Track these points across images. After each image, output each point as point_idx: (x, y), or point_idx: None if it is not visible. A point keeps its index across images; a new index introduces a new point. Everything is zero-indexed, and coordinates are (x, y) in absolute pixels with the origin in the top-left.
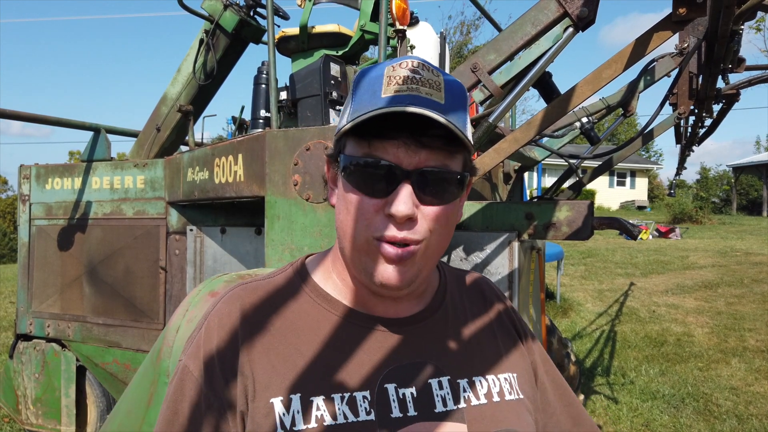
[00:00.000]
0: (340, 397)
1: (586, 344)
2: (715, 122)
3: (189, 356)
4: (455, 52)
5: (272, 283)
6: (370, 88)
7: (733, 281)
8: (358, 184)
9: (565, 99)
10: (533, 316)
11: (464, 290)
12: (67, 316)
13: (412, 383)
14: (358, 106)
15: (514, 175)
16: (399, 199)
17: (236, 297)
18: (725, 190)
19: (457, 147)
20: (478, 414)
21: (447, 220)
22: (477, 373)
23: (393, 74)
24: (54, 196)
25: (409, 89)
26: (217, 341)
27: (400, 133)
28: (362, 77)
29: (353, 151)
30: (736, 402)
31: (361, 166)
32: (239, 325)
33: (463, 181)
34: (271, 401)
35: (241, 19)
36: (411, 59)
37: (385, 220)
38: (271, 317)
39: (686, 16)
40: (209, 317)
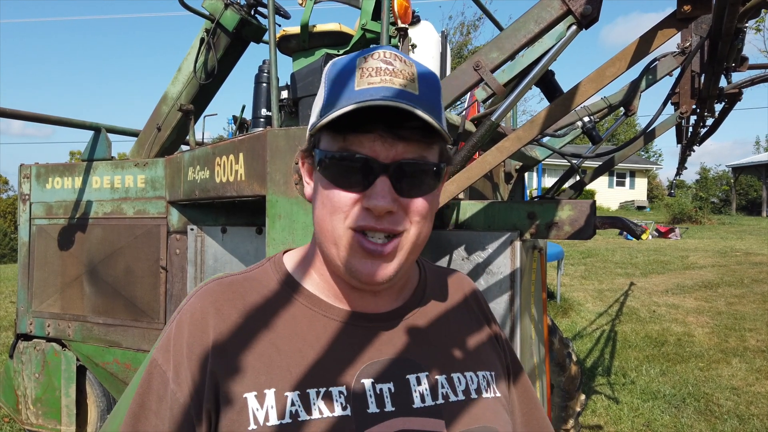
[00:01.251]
0: (316, 392)
1: (587, 344)
2: (717, 122)
3: (159, 350)
4: (455, 53)
5: (248, 278)
6: (342, 80)
7: (733, 281)
8: (335, 179)
9: (568, 97)
10: (535, 316)
11: (444, 288)
12: (68, 316)
13: (389, 379)
14: (332, 99)
15: (515, 175)
16: (377, 193)
17: (209, 292)
18: (725, 190)
19: (433, 138)
20: (456, 410)
21: (427, 211)
22: (455, 370)
23: (365, 66)
24: (54, 195)
25: (382, 81)
26: (187, 336)
27: (375, 126)
28: (333, 69)
29: (328, 145)
30: (737, 402)
31: (337, 160)
32: (211, 320)
33: (440, 172)
34: (244, 396)
35: (242, 18)
36: (382, 49)
37: (364, 213)
38: (245, 312)
39: (691, 14)
40: (182, 312)
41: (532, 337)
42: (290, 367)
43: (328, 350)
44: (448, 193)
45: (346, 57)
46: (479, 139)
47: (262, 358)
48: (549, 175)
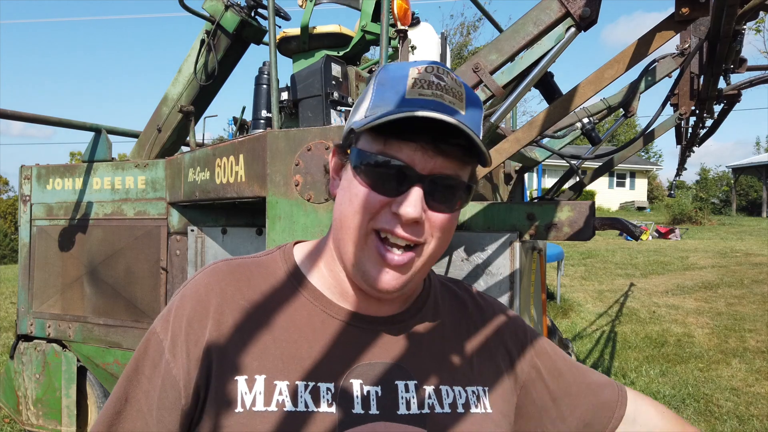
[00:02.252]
0: (305, 385)
1: (587, 345)
2: (716, 123)
3: (159, 319)
4: (455, 54)
5: (256, 263)
6: (394, 86)
7: (733, 282)
8: (369, 180)
9: (567, 99)
10: (534, 317)
11: (447, 299)
12: (68, 317)
13: (378, 382)
14: (380, 102)
15: (515, 176)
16: (409, 202)
17: (217, 271)
18: (725, 191)
19: (471, 158)
20: (440, 422)
21: (450, 227)
22: (444, 382)
23: (418, 77)
24: (55, 196)
25: (434, 95)
26: (189, 311)
27: (419, 136)
28: (384, 73)
29: (368, 146)
30: (737, 403)
31: (374, 163)
32: (213, 299)
33: (471, 191)
34: (235, 379)
35: (242, 19)
36: (436, 65)
37: (390, 217)
38: (247, 296)
39: (689, 16)
40: (187, 287)
41: None
42: (283, 356)
43: (322, 346)
44: None
45: (397, 64)
46: None
47: (257, 344)
48: (549, 176)
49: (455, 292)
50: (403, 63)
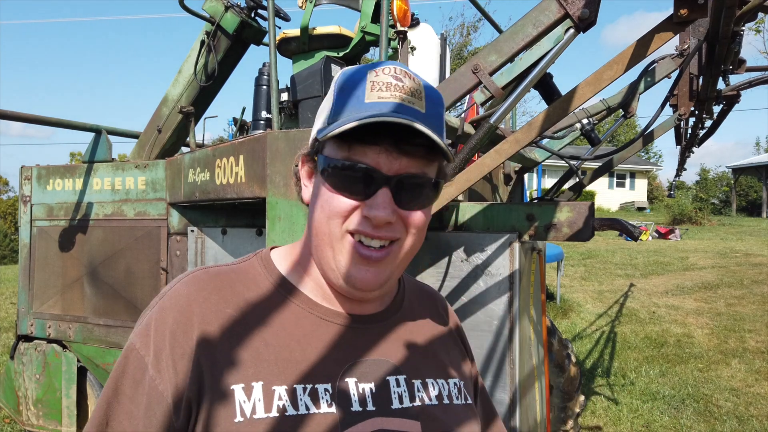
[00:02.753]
0: (303, 388)
1: (586, 345)
2: (716, 123)
3: (137, 334)
4: (455, 54)
5: (235, 270)
6: (353, 91)
7: (732, 282)
8: (337, 185)
9: (566, 100)
10: (534, 317)
11: (420, 300)
12: (68, 317)
13: (371, 379)
14: (340, 109)
15: (514, 176)
16: (379, 204)
17: (196, 280)
18: (725, 191)
19: (435, 155)
20: (431, 414)
21: (423, 223)
22: (430, 376)
23: (376, 79)
24: (55, 197)
25: (392, 96)
26: (171, 323)
27: (382, 139)
28: (342, 78)
29: (333, 153)
30: (737, 403)
31: (341, 169)
32: (197, 308)
33: (438, 187)
34: (231, 388)
35: (242, 20)
36: (393, 65)
37: (362, 219)
38: (233, 303)
39: (688, 17)
40: (165, 298)
41: (531, 338)
42: (278, 361)
43: (314, 347)
44: (447, 195)
45: (355, 67)
46: (478, 142)
47: (250, 351)
48: (549, 176)
49: (421, 287)
50: (362, 66)
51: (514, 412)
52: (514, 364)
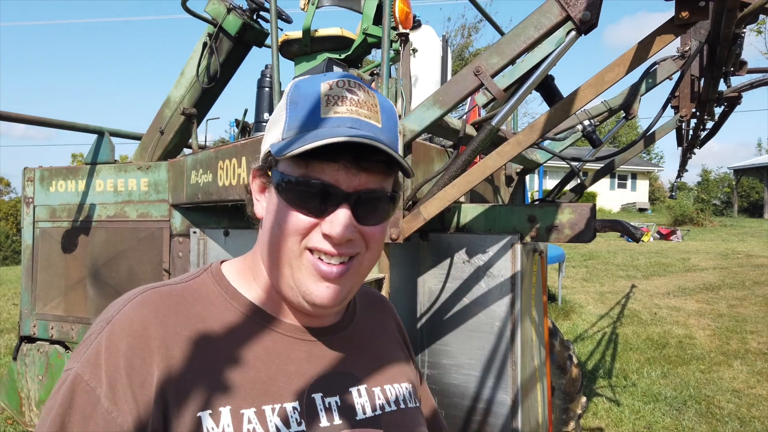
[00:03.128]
0: (271, 408)
1: (588, 346)
2: (717, 125)
3: (84, 364)
4: (456, 55)
5: (187, 289)
6: (307, 105)
7: (734, 283)
8: (295, 202)
9: (567, 102)
10: (536, 319)
11: (369, 304)
12: (71, 318)
13: (335, 392)
14: (295, 123)
15: (516, 178)
16: (339, 222)
17: (148, 301)
18: (726, 192)
19: (393, 168)
20: (392, 420)
21: (381, 237)
22: (386, 382)
23: (330, 93)
24: (58, 198)
25: (348, 111)
26: (125, 349)
27: (340, 156)
28: (296, 91)
29: (289, 169)
30: (739, 404)
31: (299, 186)
32: (154, 332)
33: (396, 200)
34: (198, 415)
35: (244, 22)
36: (346, 77)
37: (321, 236)
38: (191, 325)
39: (689, 20)
40: (113, 322)
41: (532, 339)
42: (243, 383)
43: (278, 365)
44: (449, 197)
45: (306, 78)
46: (480, 144)
47: (214, 374)
48: (551, 177)
49: (366, 291)
50: (314, 77)
51: (515, 413)
52: (516, 365)
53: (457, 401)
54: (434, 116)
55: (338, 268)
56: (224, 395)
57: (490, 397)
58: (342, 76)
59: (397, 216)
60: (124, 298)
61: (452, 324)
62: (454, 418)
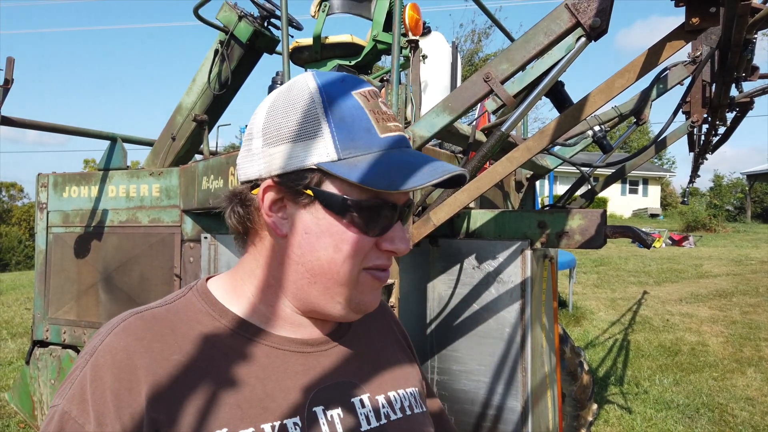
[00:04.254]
0: (270, 426)
1: (599, 353)
2: (729, 130)
3: (70, 399)
4: (466, 61)
5: (172, 311)
6: (357, 122)
7: (748, 290)
8: (361, 224)
9: (577, 108)
10: (546, 325)
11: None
12: (83, 323)
13: (338, 404)
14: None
15: (526, 183)
16: (401, 238)
17: (131, 329)
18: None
19: None
20: (397, 428)
21: None
22: (390, 389)
23: (370, 107)
24: (71, 204)
25: (395, 128)
26: (111, 382)
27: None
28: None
29: (354, 192)
30: (752, 412)
31: (372, 209)
32: (140, 360)
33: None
34: None
35: (256, 29)
36: (366, 86)
37: (379, 253)
38: (179, 348)
39: (699, 26)
40: (97, 353)
41: (543, 345)
42: (239, 402)
43: (274, 380)
44: (459, 203)
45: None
46: (489, 149)
47: (208, 396)
48: (561, 183)
49: None
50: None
51: (526, 420)
52: (526, 371)
53: (467, 407)
54: (444, 122)
55: (384, 273)
56: (219, 417)
57: (500, 403)
58: (366, 85)
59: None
60: (107, 326)
61: (462, 330)
62: (463, 425)
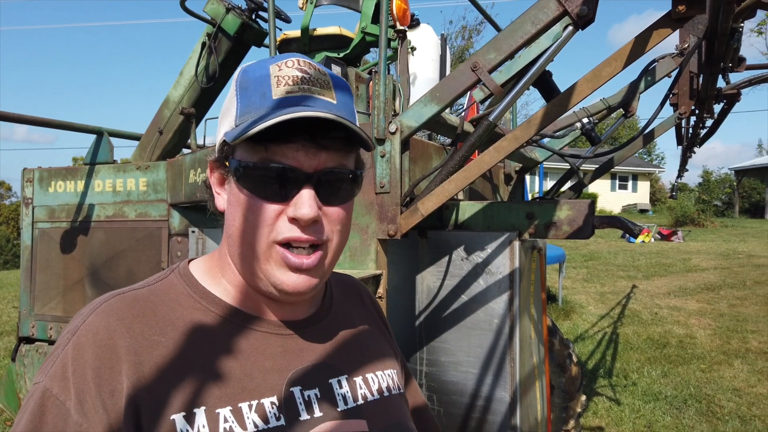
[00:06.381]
0: (248, 405)
1: (588, 346)
2: (716, 122)
3: (51, 377)
4: (457, 57)
5: (154, 292)
6: (258, 89)
7: (735, 283)
8: (257, 190)
9: (565, 97)
10: (534, 316)
11: (345, 293)
12: (70, 319)
13: (315, 385)
14: (248, 109)
15: (515, 176)
16: (303, 203)
17: (113, 309)
18: (727, 193)
19: (353, 145)
20: (374, 409)
21: (347, 219)
22: (368, 371)
23: (281, 74)
24: (57, 199)
25: (301, 90)
26: (92, 360)
27: (297, 136)
28: (244, 76)
29: (248, 156)
30: (739, 403)
31: (258, 170)
32: (120, 339)
33: (358, 179)
34: (172, 418)
35: (243, 22)
36: (296, 57)
37: (288, 224)
38: (159, 328)
39: (685, 14)
40: (78, 332)
41: (531, 337)
42: (217, 382)
43: (253, 361)
44: (447, 192)
45: (256, 63)
46: (477, 139)
47: (186, 376)
48: (551, 179)
49: (340, 279)
50: (262, 61)
51: (514, 410)
52: (515, 362)
53: (456, 398)
54: (432, 112)
55: (309, 258)
56: (198, 396)
57: (489, 394)
58: (292, 56)
59: (394, 212)
60: (89, 306)
61: (451, 321)
62: (452, 416)
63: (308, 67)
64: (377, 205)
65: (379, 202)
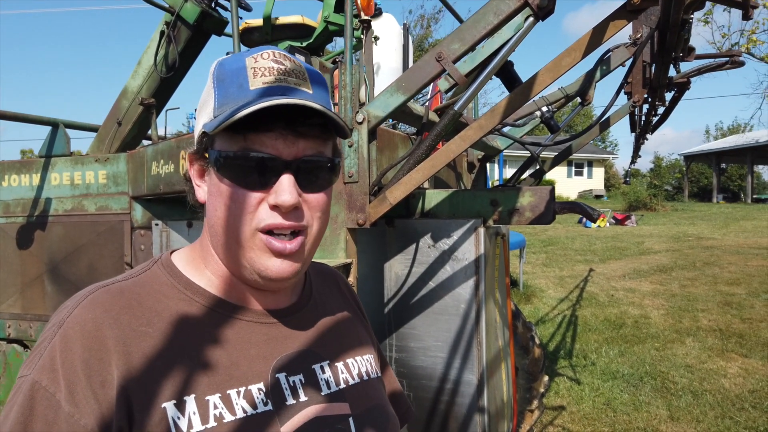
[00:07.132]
0: (236, 392)
1: (549, 329)
2: (668, 110)
3: (40, 370)
4: (416, 46)
5: (138, 284)
6: (235, 80)
7: (686, 265)
8: (238, 179)
9: (526, 86)
10: (499, 300)
11: (323, 281)
12: (29, 316)
13: (299, 371)
14: (225, 100)
15: (477, 164)
16: (283, 189)
17: (98, 301)
18: (677, 178)
19: (330, 134)
20: (355, 392)
21: (326, 205)
22: (348, 356)
23: (257, 65)
24: (11, 193)
25: (277, 80)
26: (81, 351)
27: (275, 124)
28: (221, 69)
29: (227, 146)
30: (691, 379)
31: (240, 160)
32: (108, 331)
33: (336, 167)
34: (162, 406)
35: (203, 10)
36: (271, 50)
37: (269, 211)
38: (145, 319)
39: (640, 5)
40: (65, 325)
41: (496, 320)
42: (206, 371)
43: (239, 349)
44: (414, 181)
45: (232, 57)
46: (443, 128)
47: (174, 365)
48: (510, 167)
49: (319, 269)
50: (237, 55)
51: (482, 392)
52: (482, 345)
53: (425, 383)
54: (398, 102)
55: (291, 244)
56: (187, 385)
57: (457, 377)
58: (267, 48)
59: (363, 201)
60: (74, 299)
61: (419, 308)
62: (422, 400)
63: (283, 59)
64: (346, 195)
65: (347, 192)
